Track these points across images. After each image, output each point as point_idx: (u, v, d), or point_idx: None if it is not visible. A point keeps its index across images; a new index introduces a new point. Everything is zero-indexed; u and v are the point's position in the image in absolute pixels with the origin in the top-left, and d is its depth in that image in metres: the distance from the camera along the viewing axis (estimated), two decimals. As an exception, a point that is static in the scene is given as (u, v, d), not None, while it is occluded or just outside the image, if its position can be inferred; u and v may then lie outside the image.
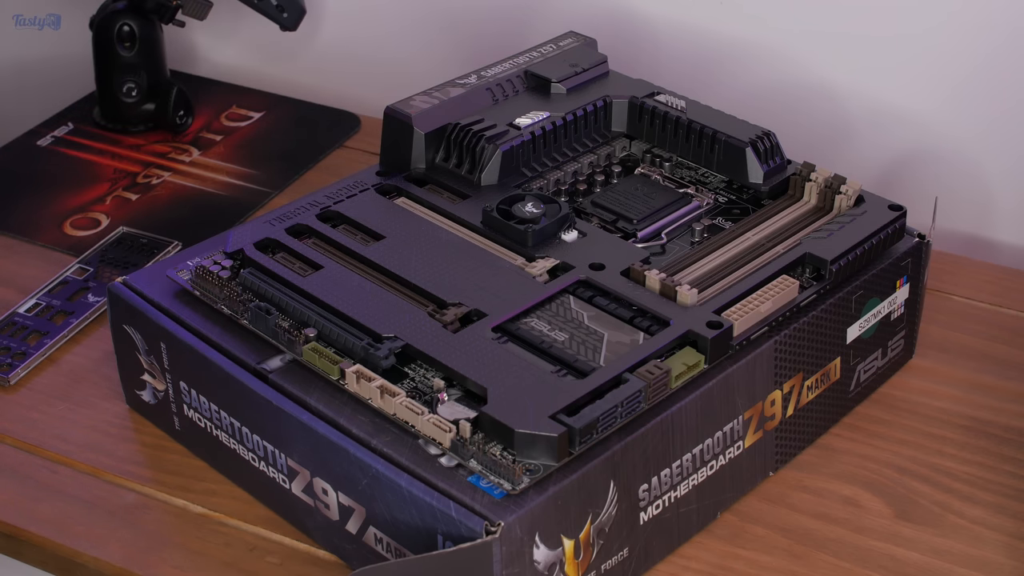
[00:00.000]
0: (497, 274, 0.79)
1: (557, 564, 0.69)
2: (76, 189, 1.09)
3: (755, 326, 0.77)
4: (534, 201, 0.83)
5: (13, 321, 0.93)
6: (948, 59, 1.03)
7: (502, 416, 0.69)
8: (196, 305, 0.80)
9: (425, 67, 1.16)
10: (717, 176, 0.90)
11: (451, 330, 0.75)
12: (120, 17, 1.12)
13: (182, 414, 0.82)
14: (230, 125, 1.18)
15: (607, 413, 0.70)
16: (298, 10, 1.13)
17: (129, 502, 0.81)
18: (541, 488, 0.68)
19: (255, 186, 1.10)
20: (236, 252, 0.81)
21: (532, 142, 0.88)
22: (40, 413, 0.87)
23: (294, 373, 0.75)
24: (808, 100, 1.09)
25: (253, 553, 0.77)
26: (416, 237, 0.82)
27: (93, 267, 0.98)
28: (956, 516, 0.80)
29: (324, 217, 0.84)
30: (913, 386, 0.89)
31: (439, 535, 0.68)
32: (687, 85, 0.99)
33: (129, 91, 1.14)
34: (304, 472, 0.74)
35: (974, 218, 1.07)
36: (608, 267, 0.79)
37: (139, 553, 0.77)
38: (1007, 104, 1.03)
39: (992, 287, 0.98)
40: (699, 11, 1.10)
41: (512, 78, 0.94)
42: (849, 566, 0.76)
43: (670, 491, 0.75)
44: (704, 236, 0.84)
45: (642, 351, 0.73)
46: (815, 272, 0.81)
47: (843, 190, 0.85)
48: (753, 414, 0.78)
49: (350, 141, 1.16)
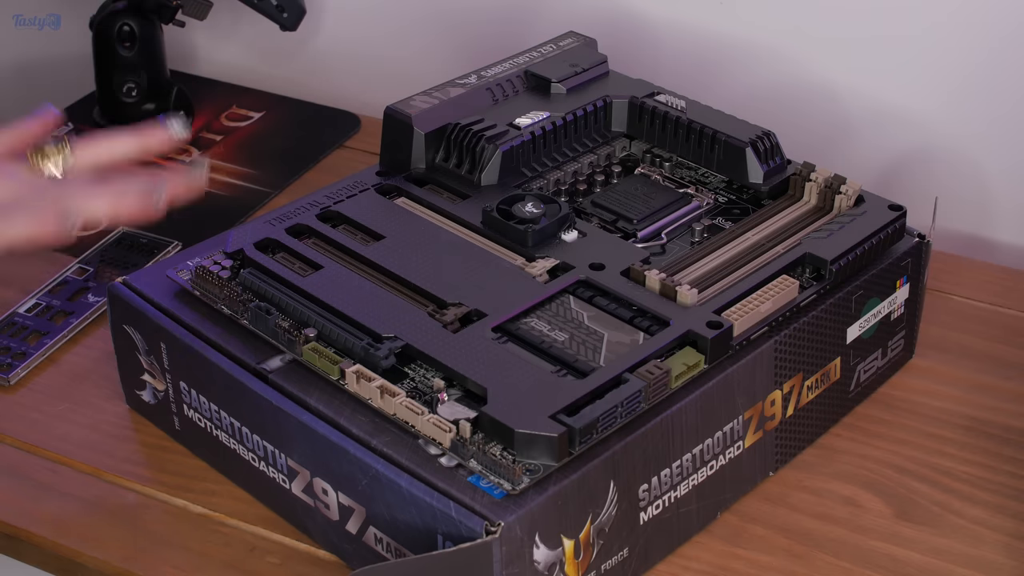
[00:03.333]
0: (497, 274, 0.79)
1: (557, 564, 0.69)
2: (76, 189, 1.08)
3: (755, 326, 0.77)
4: (534, 201, 0.83)
5: (13, 321, 0.93)
6: (948, 59, 1.03)
7: (502, 416, 0.69)
8: (196, 305, 0.80)
9: (425, 67, 1.16)
10: (717, 176, 0.90)
11: (451, 330, 0.75)
12: (120, 17, 1.12)
13: (182, 414, 0.82)
14: (230, 125, 1.18)
15: (607, 413, 0.70)
16: (298, 10, 1.13)
17: (129, 502, 0.81)
18: (541, 488, 0.68)
19: (255, 186, 1.10)
20: (236, 252, 0.81)
21: (532, 142, 0.88)
22: (40, 413, 0.87)
23: (294, 373, 0.75)
24: (808, 100, 1.09)
25: (253, 553, 0.77)
26: (416, 237, 0.82)
27: (93, 267, 0.98)
28: (956, 516, 0.80)
29: (324, 217, 0.84)
30: (913, 386, 0.89)
31: (439, 535, 0.68)
32: (687, 85, 0.99)
33: (129, 91, 1.14)
34: (304, 472, 0.74)
35: (974, 218, 1.07)
36: (608, 267, 0.79)
37: (139, 553, 0.77)
38: (1007, 104, 1.03)
39: (992, 287, 0.98)
40: (699, 11, 1.10)
41: (512, 78, 0.94)
42: (849, 566, 0.76)
43: (670, 491, 0.75)
44: (704, 236, 0.84)
45: (642, 351, 0.73)
46: (815, 272, 0.81)
47: (843, 190, 0.85)
48: (753, 414, 0.78)
49: (350, 141, 1.16)
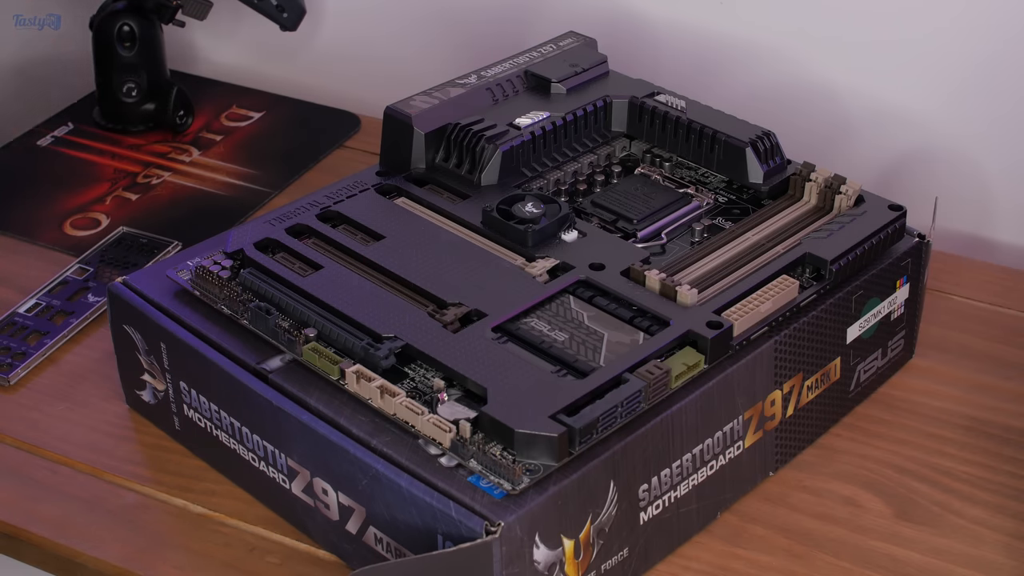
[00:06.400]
0: (497, 274, 0.79)
1: (557, 564, 0.69)
2: (76, 189, 1.09)
3: (755, 326, 0.77)
4: (534, 201, 0.83)
5: (13, 321, 0.93)
6: (948, 59, 1.03)
7: (502, 416, 0.69)
8: (196, 305, 0.80)
9: (425, 67, 1.16)
10: (717, 176, 0.90)
11: (451, 330, 0.75)
12: (120, 17, 1.12)
13: (182, 414, 0.82)
14: (230, 125, 1.18)
15: (607, 413, 0.70)
16: (298, 10, 1.13)
17: (129, 502, 0.81)
18: (541, 488, 0.68)
19: (255, 186, 1.10)
20: (236, 252, 0.81)
21: (532, 142, 0.88)
22: (40, 413, 0.87)
23: (294, 373, 0.75)
24: (808, 100, 1.09)
25: (253, 553, 0.77)
26: (416, 237, 0.82)
27: (93, 267, 0.98)
28: (956, 516, 0.80)
29: (324, 217, 0.84)
30: (913, 386, 0.89)
31: (439, 535, 0.68)
32: (687, 85, 0.99)
33: (129, 91, 1.14)
34: (304, 472, 0.74)
35: (974, 218, 1.07)
36: (608, 267, 0.79)
37: (139, 553, 0.77)
38: (1007, 104, 1.03)
39: (992, 287, 0.98)
40: (699, 11, 1.10)
41: (512, 78, 0.94)
42: (849, 566, 0.76)
43: (670, 491, 0.75)
44: (704, 236, 0.84)
45: (642, 351, 0.73)
46: (815, 272, 0.81)
47: (843, 190, 0.85)
48: (753, 414, 0.78)
49: (350, 141, 1.16)
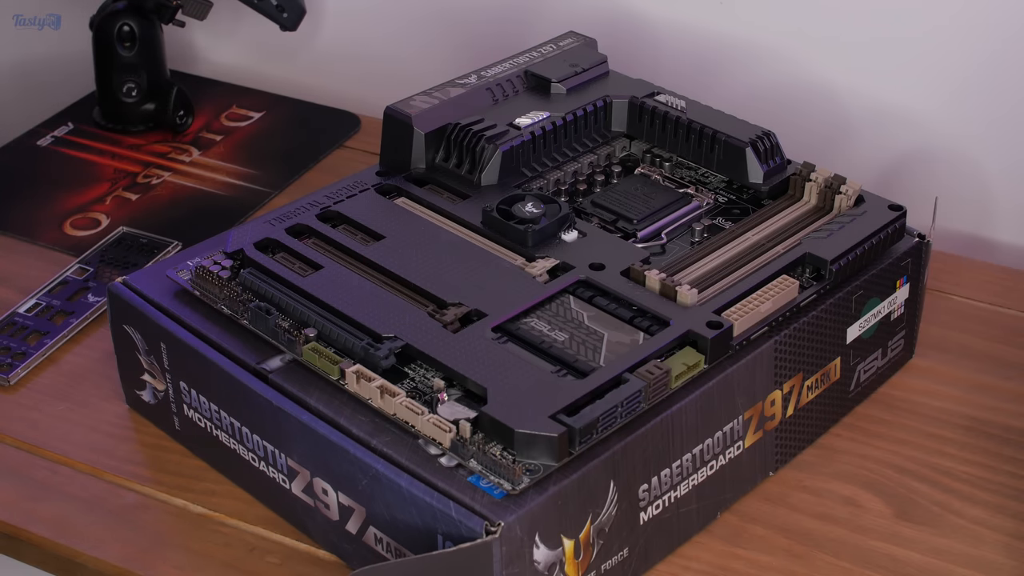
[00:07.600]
0: (497, 274, 0.79)
1: (557, 564, 0.69)
2: (76, 189, 1.09)
3: (755, 326, 0.77)
4: (534, 201, 0.83)
5: (13, 321, 0.93)
6: (948, 59, 1.03)
7: (502, 416, 0.69)
8: (196, 305, 0.80)
9: (425, 67, 1.16)
10: (717, 176, 0.90)
11: (451, 330, 0.75)
12: (120, 17, 1.12)
13: (182, 414, 0.82)
14: (230, 125, 1.18)
15: (607, 413, 0.70)
16: (298, 10, 1.13)
17: (129, 502, 0.81)
18: (541, 488, 0.68)
19: (255, 186, 1.10)
20: (236, 252, 0.81)
21: (532, 142, 0.88)
22: (40, 413, 0.87)
23: (294, 373, 0.75)
24: (808, 100, 1.09)
25: (253, 553, 0.77)
26: (416, 237, 0.82)
27: (93, 267, 0.98)
28: (956, 516, 0.80)
29: (324, 217, 0.84)
30: (913, 386, 0.89)
31: (439, 535, 0.68)
32: (687, 85, 0.99)
33: (129, 91, 1.14)
34: (304, 472, 0.74)
35: (974, 218, 1.07)
36: (608, 267, 0.79)
37: (139, 553, 0.77)
38: (1007, 104, 1.03)
39: (992, 287, 0.98)
40: (699, 11, 1.10)
41: (512, 78, 0.94)
42: (849, 566, 0.76)
43: (670, 491, 0.75)
44: (704, 236, 0.84)
45: (642, 351, 0.73)
46: (815, 272, 0.81)
47: (843, 190, 0.85)
48: (753, 414, 0.78)
49: (350, 141, 1.16)
